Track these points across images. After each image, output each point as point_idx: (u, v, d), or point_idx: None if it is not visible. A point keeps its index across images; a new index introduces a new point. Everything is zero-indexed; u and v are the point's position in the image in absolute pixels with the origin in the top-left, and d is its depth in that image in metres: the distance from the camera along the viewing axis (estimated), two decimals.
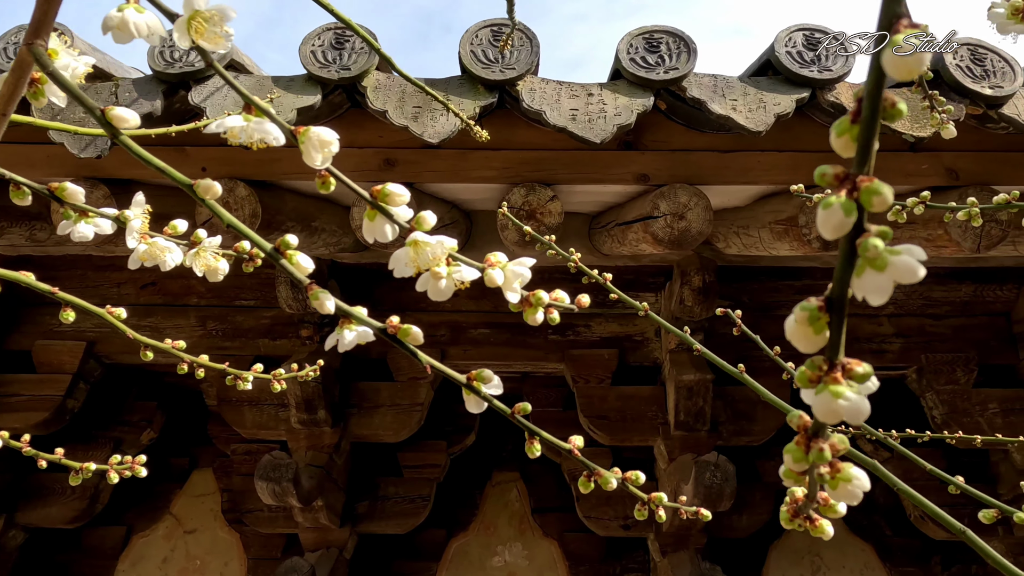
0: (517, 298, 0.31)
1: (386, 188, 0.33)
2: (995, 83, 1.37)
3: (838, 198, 0.18)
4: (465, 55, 1.40)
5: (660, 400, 2.32)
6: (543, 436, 0.35)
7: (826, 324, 0.21)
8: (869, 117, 0.17)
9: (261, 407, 2.26)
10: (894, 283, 0.19)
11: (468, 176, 1.53)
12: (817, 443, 0.22)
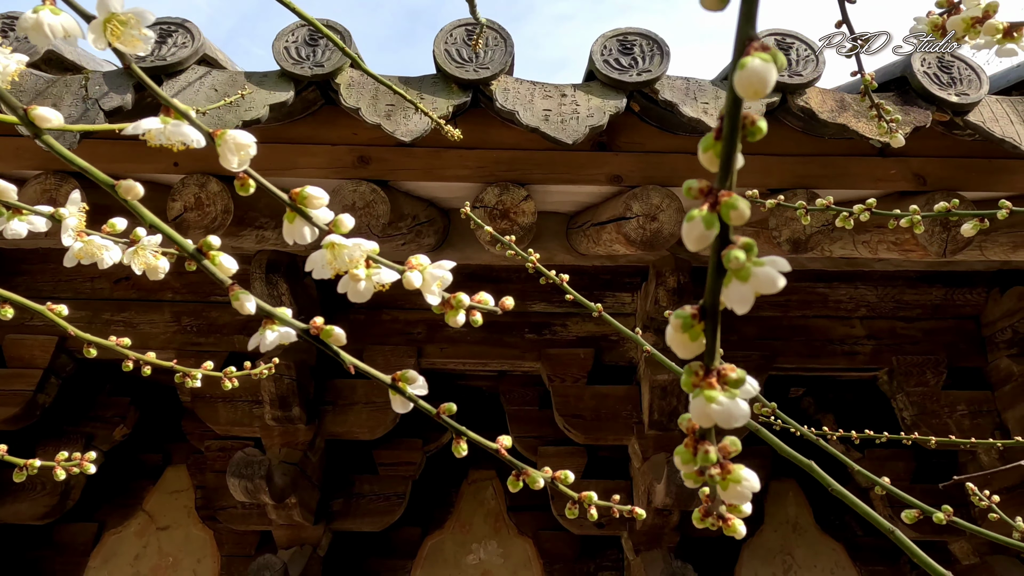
0: (436, 300, 0.32)
1: (304, 191, 0.34)
2: (961, 90, 1.39)
3: (700, 211, 0.19)
4: (439, 54, 1.40)
5: (635, 399, 2.34)
6: (470, 436, 0.35)
7: (701, 331, 0.21)
8: (729, 135, 0.18)
9: (235, 404, 2.25)
10: (756, 293, 0.20)
11: (442, 175, 1.54)
12: (703, 445, 0.23)
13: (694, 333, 0.21)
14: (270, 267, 2.04)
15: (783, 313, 2.38)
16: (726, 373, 0.22)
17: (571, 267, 2.33)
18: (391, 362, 2.31)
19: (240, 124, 1.33)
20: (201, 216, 1.51)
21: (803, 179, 1.52)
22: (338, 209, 1.55)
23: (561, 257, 2.10)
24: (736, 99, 0.18)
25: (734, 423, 0.21)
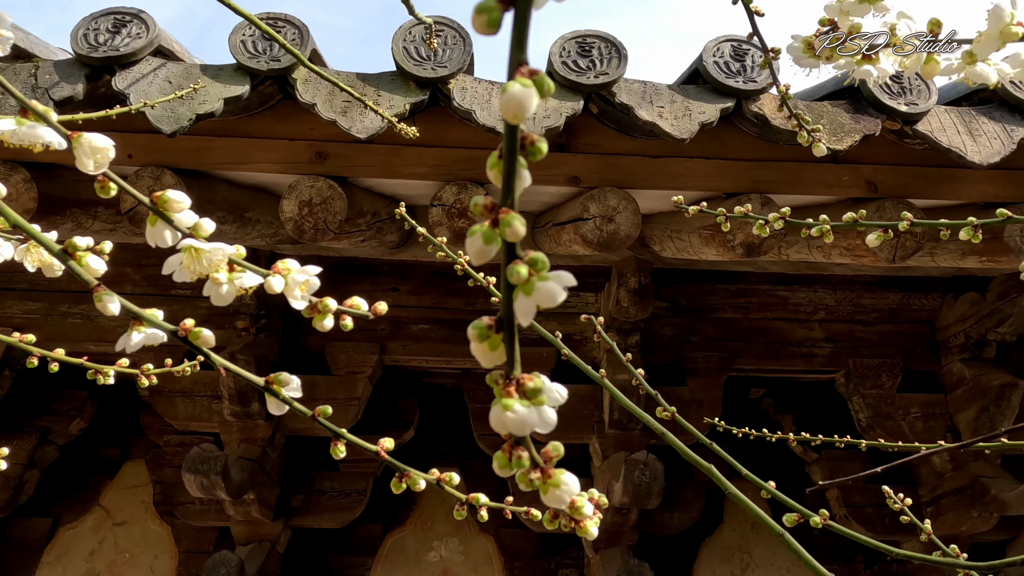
0: (301, 305, 0.32)
1: (165, 195, 0.34)
2: (911, 100, 1.42)
3: (481, 227, 0.19)
4: (397, 51, 1.40)
5: (596, 399, 2.35)
6: (348, 438, 0.36)
7: (500, 341, 0.22)
8: (509, 153, 0.19)
9: (194, 399, 2.23)
10: (537, 306, 0.20)
11: (400, 172, 1.53)
12: (518, 451, 0.24)
13: (493, 343, 0.22)
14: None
15: (744, 315, 2.42)
16: (524, 383, 0.22)
17: None
18: (353, 359, 2.31)
19: (193, 117, 1.32)
20: None
21: (758, 184, 1.54)
22: (295, 205, 1.55)
23: None
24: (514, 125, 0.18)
25: (526, 431, 0.22)
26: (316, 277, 0.35)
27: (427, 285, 2.40)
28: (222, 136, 1.51)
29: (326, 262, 2.39)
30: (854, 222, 0.56)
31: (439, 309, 2.39)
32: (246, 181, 1.67)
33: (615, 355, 2.35)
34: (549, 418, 0.22)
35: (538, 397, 0.22)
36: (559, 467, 0.25)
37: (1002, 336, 2.30)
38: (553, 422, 0.22)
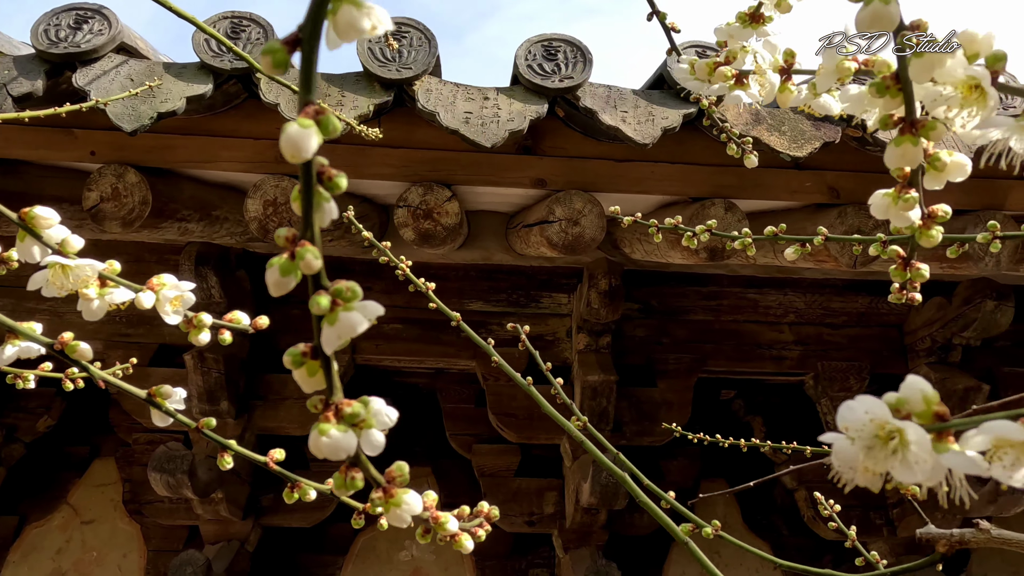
0: (175, 320, 0.32)
1: (32, 211, 0.34)
2: None
3: (280, 259, 0.20)
4: (362, 52, 1.40)
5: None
6: (235, 449, 0.36)
7: (319, 368, 0.22)
8: (306, 188, 0.19)
9: None
10: (340, 337, 0.21)
11: (366, 172, 1.53)
12: (352, 472, 0.24)
13: (311, 369, 0.22)
14: (199, 259, 2.01)
15: (715, 317, 2.43)
16: (342, 408, 0.23)
17: (510, 267, 2.35)
18: None
19: (155, 116, 1.31)
20: (118, 207, 1.48)
21: (722, 188, 1.55)
22: (259, 204, 1.54)
23: (500, 256, 2.11)
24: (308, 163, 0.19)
25: (342, 455, 0.22)
26: (191, 293, 0.35)
27: (399, 285, 2.39)
28: (187, 134, 1.50)
29: None
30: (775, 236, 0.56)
31: (411, 309, 2.39)
32: (214, 179, 1.67)
33: (587, 356, 2.36)
34: (376, 441, 0.22)
35: (358, 422, 0.23)
36: (405, 487, 0.26)
37: (967, 340, 2.33)
38: (380, 445, 0.22)
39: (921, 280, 0.39)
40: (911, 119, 0.26)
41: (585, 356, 2.26)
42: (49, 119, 1.19)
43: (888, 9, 0.23)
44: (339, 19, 0.17)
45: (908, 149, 0.26)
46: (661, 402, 2.35)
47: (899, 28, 0.25)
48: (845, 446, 0.19)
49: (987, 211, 1.57)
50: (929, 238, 0.35)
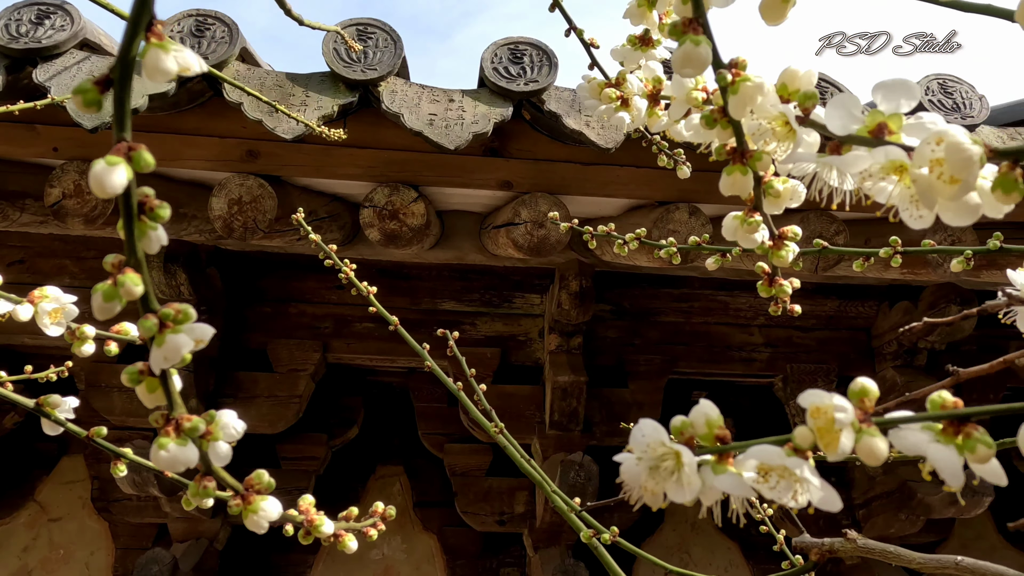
0: (57, 332, 0.33)
1: None
2: (967, 113, 1.46)
3: (104, 285, 0.20)
4: (327, 52, 1.40)
5: (539, 400, 2.37)
6: (130, 458, 0.37)
7: (158, 384, 0.23)
8: (127, 219, 0.20)
9: (131, 394, 2.20)
10: (167, 359, 0.21)
11: (332, 172, 1.53)
12: (205, 480, 0.25)
13: (150, 385, 0.23)
14: (168, 256, 2.00)
15: (686, 319, 2.45)
16: (182, 423, 0.23)
17: (483, 267, 2.35)
18: (296, 356, 2.30)
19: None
20: (81, 204, 1.48)
21: (686, 193, 1.57)
22: (224, 203, 1.54)
23: (473, 257, 2.12)
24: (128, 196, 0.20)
25: (181, 467, 0.23)
26: (73, 305, 0.35)
27: (372, 283, 2.39)
28: (151, 132, 1.49)
29: (273, 258, 2.38)
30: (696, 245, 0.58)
31: (384, 308, 2.39)
32: (181, 176, 1.66)
33: (558, 356, 2.37)
34: (222, 452, 0.23)
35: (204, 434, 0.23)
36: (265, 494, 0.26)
37: (932, 344, 2.36)
38: (226, 456, 0.23)
39: (784, 296, 0.41)
40: (742, 150, 0.27)
41: (556, 357, 2.27)
42: (8, 115, 1.19)
43: (698, 50, 0.24)
44: (147, 62, 0.18)
45: (738, 178, 0.27)
46: (632, 403, 2.37)
47: (717, 65, 0.26)
48: (631, 466, 0.20)
49: None
50: (780, 258, 0.36)
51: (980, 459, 0.18)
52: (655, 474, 0.19)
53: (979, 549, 2.78)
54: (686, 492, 0.18)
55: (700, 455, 0.19)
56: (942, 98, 1.51)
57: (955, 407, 0.19)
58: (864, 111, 0.23)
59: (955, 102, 1.51)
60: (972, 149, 0.20)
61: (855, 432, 0.18)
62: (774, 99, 0.26)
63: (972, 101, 1.51)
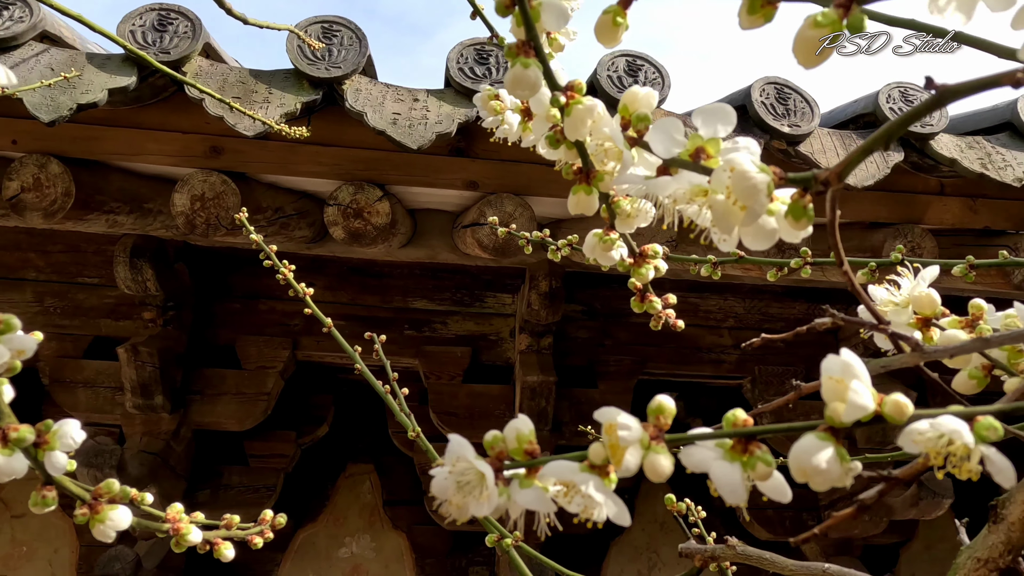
0: None
1: None
2: (794, 122, 1.47)
3: None
4: (291, 49, 1.39)
5: (509, 399, 2.38)
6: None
7: None
8: None
9: (96, 389, 2.18)
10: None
11: (297, 170, 1.53)
12: (43, 491, 0.25)
13: None
14: (135, 251, 1.99)
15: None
16: (9, 432, 0.23)
17: (455, 266, 2.36)
18: (265, 353, 2.29)
19: (75, 107, 1.29)
20: (40, 198, 1.46)
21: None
22: (187, 199, 1.53)
23: (445, 256, 2.11)
24: None
25: (5, 479, 0.23)
26: None
27: (343, 281, 2.39)
28: (113, 126, 1.48)
29: (242, 254, 2.36)
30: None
31: (355, 306, 2.38)
32: (146, 171, 1.64)
33: (528, 356, 2.38)
34: (59, 462, 0.23)
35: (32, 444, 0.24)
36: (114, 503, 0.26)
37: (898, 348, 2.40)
38: (62, 466, 0.23)
39: (654, 311, 0.41)
40: (587, 170, 0.27)
41: (526, 357, 2.28)
42: None
43: (527, 73, 0.25)
44: None
45: (583, 197, 0.28)
46: (601, 403, 2.37)
47: (554, 87, 0.26)
48: (441, 479, 0.20)
49: (906, 224, 1.62)
50: (640, 275, 0.36)
51: (760, 476, 0.19)
52: (462, 488, 0.19)
53: (943, 550, 2.82)
54: (484, 507, 0.18)
55: (511, 469, 0.20)
56: (903, 106, 1.53)
57: (745, 425, 0.19)
58: (686, 134, 0.23)
59: None
60: (757, 177, 0.20)
61: (643, 449, 0.19)
62: (608, 121, 0.26)
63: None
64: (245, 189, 1.55)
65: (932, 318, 0.38)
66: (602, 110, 0.26)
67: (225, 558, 0.31)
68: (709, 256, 0.61)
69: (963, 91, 0.20)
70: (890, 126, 0.22)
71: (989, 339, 0.29)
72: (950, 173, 1.56)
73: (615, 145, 0.26)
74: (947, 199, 1.63)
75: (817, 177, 0.22)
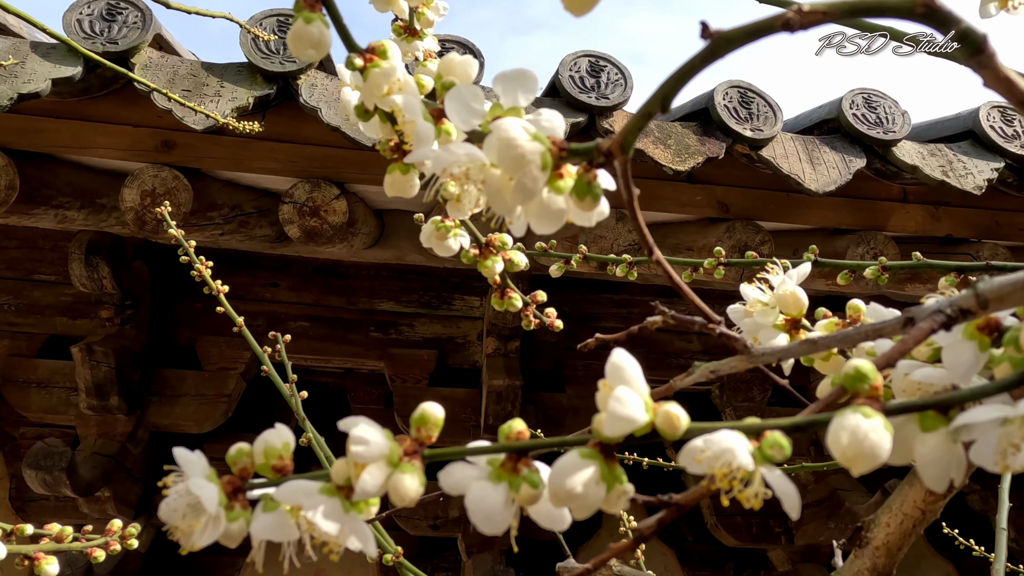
0: None
1: None
2: (756, 126, 1.46)
3: None
4: (245, 42, 1.36)
5: (476, 403, 2.35)
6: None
7: None
8: None
9: (51, 390, 2.13)
10: None
11: (251, 166, 1.49)
12: None
13: None
14: (91, 248, 1.93)
15: (625, 325, 2.44)
16: None
17: (422, 267, 2.32)
18: (226, 354, 2.24)
19: (15, 97, 1.25)
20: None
21: (615, 200, 1.56)
22: (136, 194, 1.49)
23: (413, 257, 2.08)
24: None
25: None
26: None
27: (307, 281, 2.35)
28: (59, 118, 1.43)
29: (204, 252, 2.32)
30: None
31: (319, 307, 2.34)
32: (99, 165, 1.60)
33: (495, 359, 2.35)
34: None
35: None
36: None
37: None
38: None
39: (513, 308, 0.39)
40: (401, 146, 0.25)
41: (493, 360, 2.25)
42: None
43: (309, 28, 0.22)
44: None
45: (398, 177, 0.25)
46: (568, 408, 2.36)
47: (352, 48, 0.23)
48: (171, 500, 0.18)
49: (869, 231, 1.61)
50: (487, 268, 0.34)
51: (525, 500, 0.16)
52: (192, 512, 0.17)
53: (908, 557, 2.82)
54: (207, 535, 0.16)
55: (254, 489, 0.17)
56: (866, 112, 1.53)
57: (520, 438, 0.17)
58: (486, 104, 0.21)
59: (879, 116, 1.52)
60: (526, 146, 0.18)
61: (391, 468, 0.16)
62: (411, 88, 0.24)
63: (895, 116, 1.53)
64: (199, 185, 1.52)
65: (799, 319, 0.36)
66: (403, 76, 0.24)
67: (47, 574, 0.28)
68: (624, 256, 0.58)
69: (737, 38, 0.18)
70: (667, 83, 0.20)
71: (816, 341, 0.26)
72: (912, 180, 1.55)
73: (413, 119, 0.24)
74: (910, 206, 1.63)
75: (600, 147, 0.20)
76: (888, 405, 0.18)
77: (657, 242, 1.21)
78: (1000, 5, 0.31)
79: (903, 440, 0.19)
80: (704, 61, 0.19)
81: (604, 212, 0.22)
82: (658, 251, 0.24)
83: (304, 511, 0.16)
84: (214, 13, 0.84)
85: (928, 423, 0.18)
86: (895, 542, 0.26)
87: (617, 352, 0.20)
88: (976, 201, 1.56)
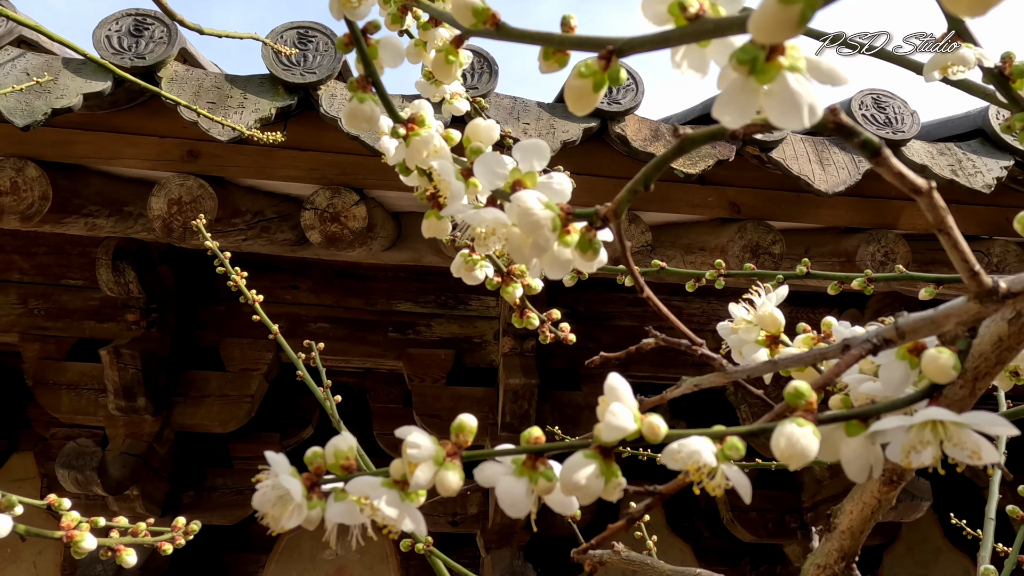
0: None
1: None
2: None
3: None
4: (267, 55, 1.40)
5: (493, 402, 2.39)
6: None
7: None
8: None
9: (80, 391, 2.19)
10: None
11: (274, 174, 1.54)
12: None
13: None
14: (118, 253, 1.99)
15: (640, 324, 2.48)
16: None
17: (439, 268, 2.36)
18: (248, 355, 2.30)
19: (49, 112, 1.30)
20: (17, 201, 1.47)
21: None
22: (164, 203, 1.54)
23: (430, 258, 2.13)
24: None
25: None
26: None
27: (327, 284, 2.40)
28: (90, 130, 1.49)
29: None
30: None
31: (339, 308, 2.39)
32: (126, 175, 1.65)
33: (511, 359, 2.39)
34: None
35: None
36: None
37: None
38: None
39: (531, 326, 0.42)
40: (437, 197, 0.29)
41: (509, 359, 2.29)
42: None
43: (363, 107, 0.26)
44: None
45: (434, 222, 0.29)
46: (584, 406, 2.39)
47: (396, 119, 0.27)
48: (262, 493, 0.21)
49: (879, 229, 1.63)
50: (508, 294, 0.38)
51: (542, 491, 0.20)
52: (279, 501, 0.21)
53: (925, 551, 2.84)
54: (293, 519, 0.20)
55: (329, 484, 0.21)
56: (875, 112, 1.55)
57: (537, 442, 0.20)
58: (508, 167, 0.25)
59: (888, 117, 1.54)
60: (540, 214, 0.22)
61: (437, 466, 0.20)
62: (445, 154, 0.27)
63: (904, 116, 1.55)
64: (223, 193, 1.56)
65: (777, 335, 0.40)
66: (439, 143, 0.28)
67: (127, 564, 0.32)
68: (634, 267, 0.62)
69: (699, 139, 0.22)
70: (648, 169, 0.23)
71: (777, 360, 0.30)
72: None
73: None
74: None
75: (598, 213, 0.24)
76: (820, 416, 0.22)
77: (669, 242, 1.27)
78: (941, 72, 0.34)
79: (833, 443, 0.23)
80: (675, 154, 0.23)
81: (603, 261, 0.26)
82: (648, 289, 0.28)
83: (371, 499, 0.20)
84: (242, 35, 0.88)
85: (851, 429, 0.23)
86: (858, 527, 0.30)
87: (612, 376, 0.24)
88: (986, 199, 1.58)
